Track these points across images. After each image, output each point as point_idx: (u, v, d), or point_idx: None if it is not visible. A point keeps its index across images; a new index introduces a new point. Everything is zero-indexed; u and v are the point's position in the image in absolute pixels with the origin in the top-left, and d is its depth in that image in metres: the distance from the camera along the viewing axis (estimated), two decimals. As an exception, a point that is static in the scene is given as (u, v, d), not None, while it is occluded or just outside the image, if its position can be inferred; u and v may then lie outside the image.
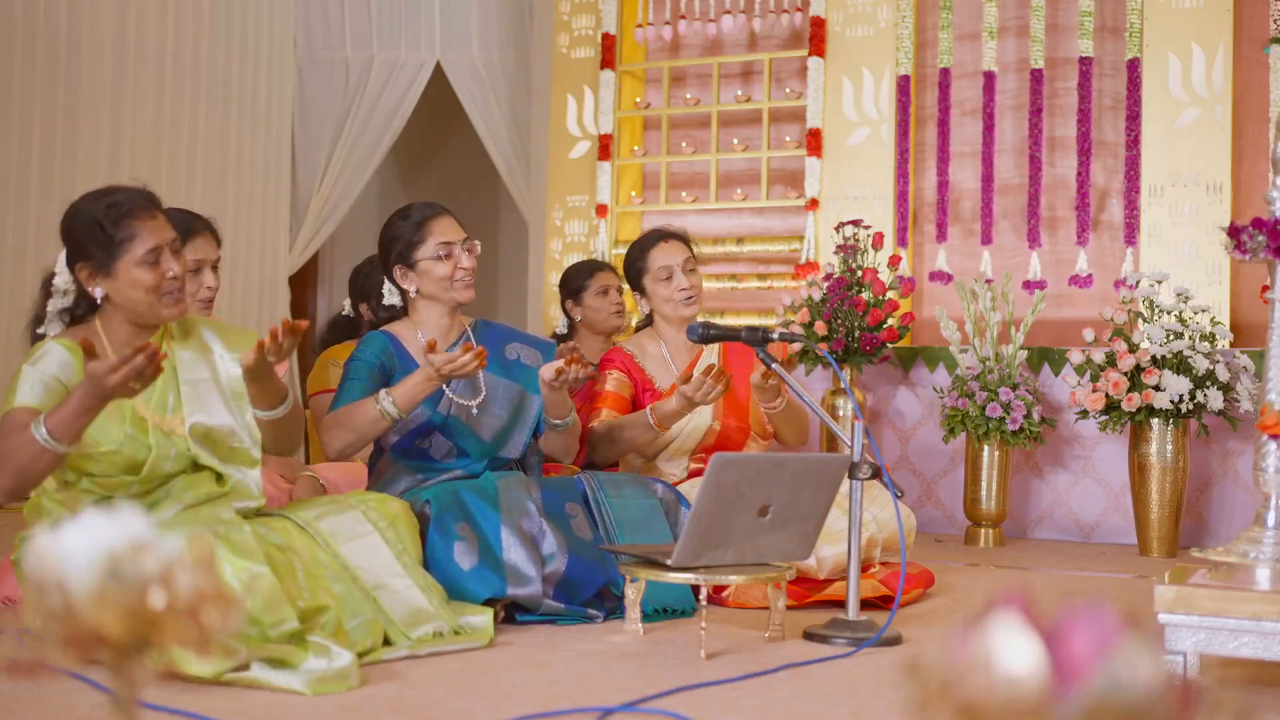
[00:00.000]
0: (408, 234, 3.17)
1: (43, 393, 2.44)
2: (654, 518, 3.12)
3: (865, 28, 5.73)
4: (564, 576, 2.89)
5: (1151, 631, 0.84)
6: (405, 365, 3.14)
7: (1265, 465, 2.52)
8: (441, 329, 3.21)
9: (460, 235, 3.19)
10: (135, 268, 2.50)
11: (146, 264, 2.50)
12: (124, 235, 2.49)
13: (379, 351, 3.13)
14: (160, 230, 2.54)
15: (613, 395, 3.58)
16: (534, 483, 3.04)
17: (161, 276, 2.51)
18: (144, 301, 2.52)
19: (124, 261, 2.50)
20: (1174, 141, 5.21)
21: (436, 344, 2.89)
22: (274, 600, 2.26)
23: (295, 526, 2.59)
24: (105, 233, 2.49)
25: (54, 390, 2.44)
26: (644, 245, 3.68)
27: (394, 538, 2.68)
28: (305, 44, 7.23)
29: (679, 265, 3.62)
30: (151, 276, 2.50)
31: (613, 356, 3.67)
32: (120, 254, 2.49)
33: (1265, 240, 2.48)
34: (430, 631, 2.59)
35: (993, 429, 4.72)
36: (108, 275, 2.51)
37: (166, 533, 1.00)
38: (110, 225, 2.49)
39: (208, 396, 2.62)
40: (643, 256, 3.66)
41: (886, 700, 2.27)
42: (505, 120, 7.00)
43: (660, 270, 3.62)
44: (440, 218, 3.19)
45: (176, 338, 2.67)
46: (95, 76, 5.94)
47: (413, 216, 3.19)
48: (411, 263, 3.17)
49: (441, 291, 3.17)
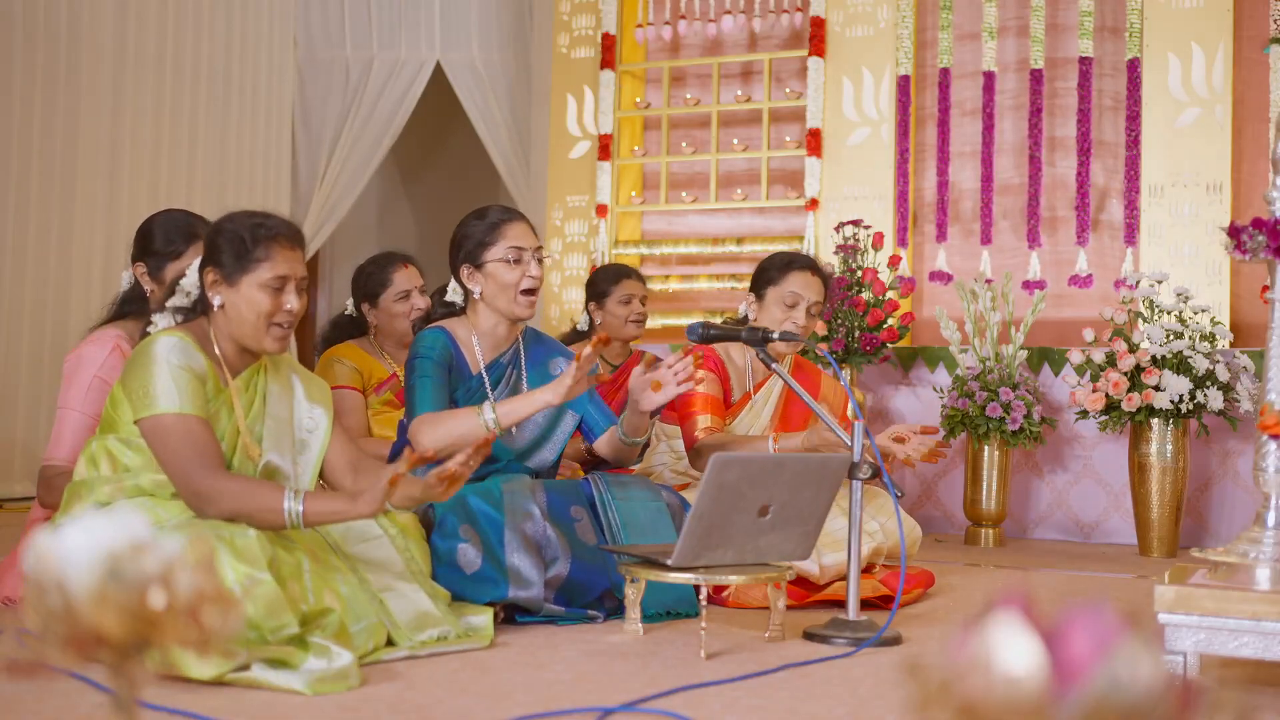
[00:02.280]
0: (480, 234, 3.13)
1: (197, 399, 2.48)
2: (660, 521, 3.11)
3: (865, 28, 5.73)
4: (566, 581, 2.88)
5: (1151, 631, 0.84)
6: (459, 364, 3.13)
7: (1265, 465, 2.52)
8: (496, 336, 3.18)
9: (533, 243, 3.14)
10: (258, 289, 2.54)
11: (270, 289, 2.54)
12: (260, 254, 2.54)
13: (442, 348, 3.10)
14: (294, 264, 2.58)
15: (711, 400, 3.46)
16: (539, 485, 3.03)
17: (279, 307, 2.55)
18: (253, 325, 2.55)
19: (250, 278, 2.54)
20: (1174, 141, 5.21)
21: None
22: (274, 606, 2.26)
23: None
24: (244, 245, 2.54)
25: (197, 393, 2.49)
26: (790, 262, 3.54)
27: (403, 545, 2.69)
28: (305, 44, 7.23)
29: (808, 303, 3.49)
30: (270, 303, 2.54)
31: (707, 356, 3.53)
32: (249, 269, 2.54)
33: (1265, 240, 2.48)
34: (435, 635, 2.59)
35: (993, 429, 4.72)
36: (231, 287, 2.55)
37: (167, 534, 1.00)
38: (251, 241, 2.54)
39: (283, 437, 2.67)
40: (784, 272, 3.51)
41: (886, 700, 2.27)
42: (505, 120, 7.00)
43: (789, 295, 3.48)
44: (515, 222, 3.14)
45: (269, 370, 2.70)
46: (95, 76, 5.94)
47: (489, 217, 3.15)
48: (480, 263, 3.12)
49: (505, 301, 3.11)
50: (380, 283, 4.18)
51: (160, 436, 2.45)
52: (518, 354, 3.23)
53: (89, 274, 5.92)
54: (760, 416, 3.56)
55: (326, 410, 2.74)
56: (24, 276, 5.65)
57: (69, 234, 5.84)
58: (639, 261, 6.11)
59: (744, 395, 3.55)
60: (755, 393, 3.58)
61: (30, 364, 5.64)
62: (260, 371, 2.67)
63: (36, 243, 5.70)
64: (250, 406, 2.62)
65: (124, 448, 2.54)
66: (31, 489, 5.33)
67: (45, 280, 5.72)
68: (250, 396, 2.63)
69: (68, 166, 5.83)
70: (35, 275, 5.70)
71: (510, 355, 3.21)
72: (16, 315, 5.64)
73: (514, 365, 3.21)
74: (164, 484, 2.52)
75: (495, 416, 2.92)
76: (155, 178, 6.24)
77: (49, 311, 5.70)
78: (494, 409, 2.93)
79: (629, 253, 6.14)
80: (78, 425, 3.07)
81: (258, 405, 2.63)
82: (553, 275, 6.30)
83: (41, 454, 3.30)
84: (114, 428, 2.55)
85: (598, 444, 3.26)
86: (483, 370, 3.15)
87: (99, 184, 5.97)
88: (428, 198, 8.60)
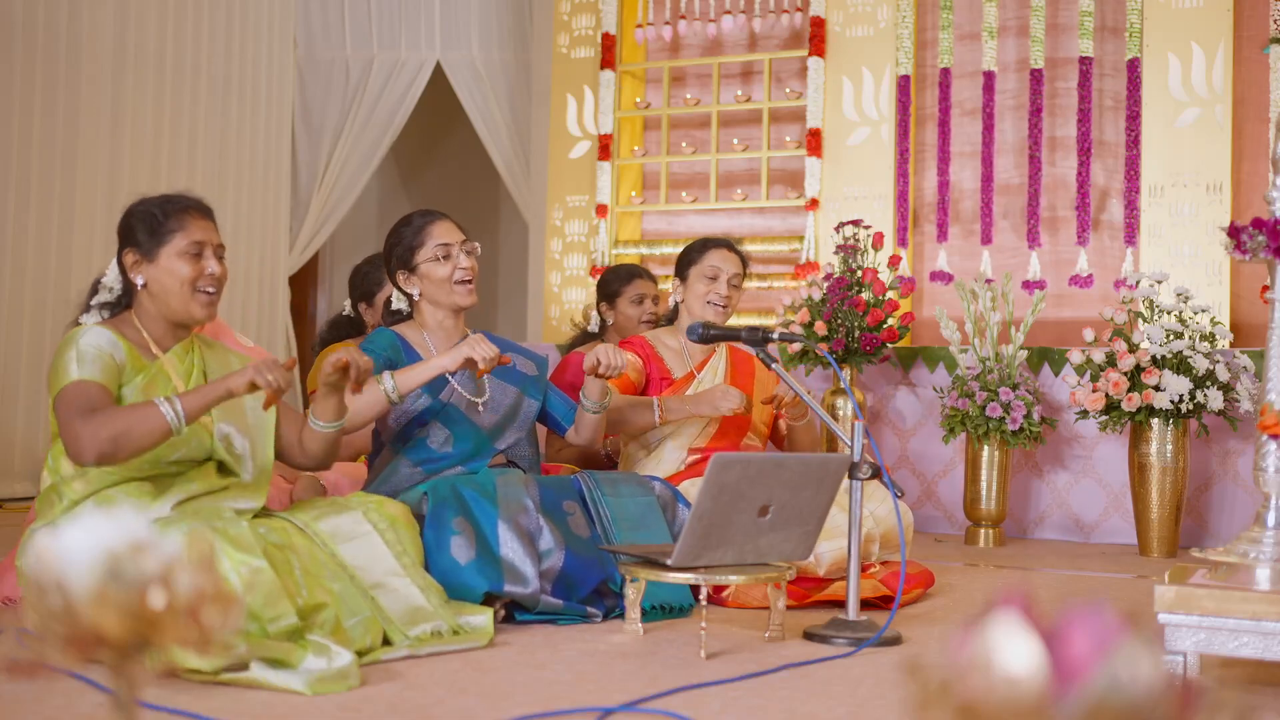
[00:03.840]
0: (408, 238, 3.25)
1: (100, 367, 2.51)
2: (651, 515, 3.15)
3: (865, 28, 5.73)
4: (561, 572, 2.90)
5: (1151, 631, 0.84)
6: (411, 360, 3.19)
7: (1265, 465, 2.52)
8: (445, 332, 3.28)
9: (458, 237, 3.26)
10: (177, 257, 2.60)
11: (188, 255, 2.60)
12: (173, 225, 2.61)
13: (387, 345, 3.20)
14: (208, 231, 2.65)
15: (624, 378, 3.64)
16: (531, 479, 3.08)
17: (200, 272, 2.61)
18: (178, 294, 2.60)
19: (167, 249, 2.60)
20: (1174, 141, 5.21)
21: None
22: (273, 595, 2.27)
23: (293, 527, 2.60)
24: (156, 220, 2.61)
25: (108, 365, 2.52)
26: (706, 243, 3.81)
27: (394, 539, 2.69)
28: (305, 44, 7.23)
29: (727, 275, 3.74)
30: (191, 269, 2.60)
31: (631, 341, 3.78)
32: (165, 241, 2.60)
33: (1265, 240, 2.48)
34: (429, 630, 2.59)
35: (993, 429, 4.72)
36: (150, 261, 2.61)
37: (166, 532, 1.00)
38: (162, 215, 2.61)
39: (235, 416, 2.69)
40: (702, 251, 3.78)
41: (886, 700, 2.27)
42: (505, 120, 7.00)
43: (709, 269, 3.73)
44: (438, 221, 3.27)
45: (203, 347, 2.75)
46: (95, 76, 5.94)
47: (413, 222, 3.28)
48: (412, 266, 3.24)
49: (444, 295, 3.24)
50: (376, 283, 4.19)
51: (60, 408, 2.48)
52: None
53: (89, 273, 5.91)
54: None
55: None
56: (24, 276, 5.65)
57: (69, 233, 5.84)
58: (639, 262, 6.11)
59: (687, 374, 3.73)
60: (699, 371, 3.74)
61: (30, 364, 5.64)
62: (194, 348, 2.71)
63: (36, 242, 5.70)
64: (189, 377, 2.66)
65: None
66: (31, 489, 5.34)
67: (45, 280, 5.73)
68: (188, 368, 2.67)
69: (68, 166, 5.83)
70: (35, 275, 5.70)
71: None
72: (16, 315, 5.64)
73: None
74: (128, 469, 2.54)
75: (394, 384, 2.99)
76: (155, 177, 6.24)
77: (49, 311, 5.70)
78: (392, 377, 3.00)
79: (629, 253, 6.14)
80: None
81: (197, 377, 2.67)
82: (553, 275, 6.30)
83: (41, 454, 3.30)
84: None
85: (569, 434, 3.41)
86: None
87: (99, 183, 5.97)
88: (428, 198, 8.60)
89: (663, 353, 3.75)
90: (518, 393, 3.32)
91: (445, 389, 3.21)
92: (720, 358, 3.78)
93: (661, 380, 3.71)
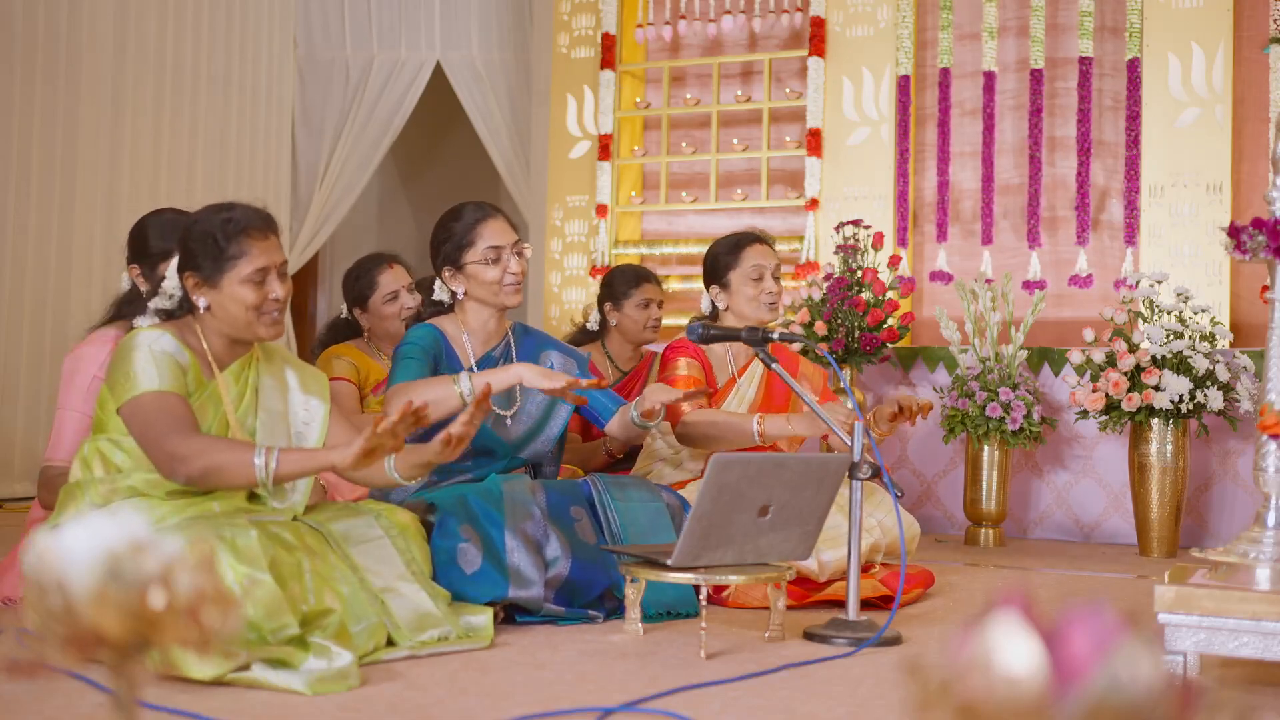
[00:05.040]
0: (458, 236, 3.16)
1: (173, 377, 2.50)
2: (659, 522, 3.12)
3: (865, 28, 5.73)
4: (566, 580, 2.89)
5: (1151, 631, 0.84)
6: (450, 359, 3.15)
7: (1265, 465, 2.52)
8: (487, 331, 3.22)
9: (511, 239, 3.17)
10: (240, 285, 2.56)
11: (252, 283, 2.56)
12: (235, 252, 2.56)
13: (431, 341, 3.14)
14: (271, 252, 2.60)
15: (694, 382, 3.53)
16: (539, 486, 3.04)
17: (264, 297, 2.58)
18: (243, 319, 2.58)
19: (230, 277, 2.56)
20: (1174, 141, 5.21)
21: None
22: (274, 607, 2.26)
23: (307, 528, 2.59)
24: (218, 246, 2.56)
25: (179, 375, 2.51)
26: (739, 242, 3.66)
27: (403, 546, 2.69)
28: (305, 44, 7.23)
29: (770, 269, 3.62)
30: (255, 296, 2.57)
31: (684, 345, 3.60)
32: (228, 269, 2.56)
33: (1265, 240, 2.48)
34: (436, 636, 2.59)
35: (993, 429, 4.72)
36: (213, 288, 2.57)
37: (167, 534, 1.00)
38: (224, 240, 2.56)
39: (276, 430, 2.67)
40: (736, 253, 3.63)
41: (886, 700, 2.27)
42: (505, 120, 7.00)
43: (753, 269, 3.59)
44: (491, 220, 3.16)
45: (261, 361, 2.72)
46: (95, 76, 5.94)
47: (464, 218, 3.17)
48: (460, 265, 3.16)
49: (490, 295, 3.16)
50: (368, 286, 4.19)
51: (139, 416, 2.46)
52: (509, 347, 3.27)
53: (89, 274, 5.92)
54: (745, 397, 3.64)
55: (323, 400, 2.75)
56: (24, 276, 5.65)
57: (69, 234, 5.84)
58: (639, 261, 6.10)
59: (728, 380, 3.64)
60: (739, 377, 3.66)
61: (30, 364, 5.64)
62: (251, 364, 2.68)
63: (36, 243, 5.70)
64: (240, 399, 2.63)
65: (114, 448, 2.54)
66: (31, 489, 5.33)
67: (45, 280, 5.72)
68: (240, 390, 2.64)
69: (68, 166, 5.83)
70: (35, 275, 5.69)
71: (501, 349, 3.25)
72: (16, 315, 5.64)
73: (505, 359, 3.25)
74: (157, 483, 2.52)
75: (472, 386, 2.92)
76: (155, 178, 6.24)
77: (49, 311, 5.70)
78: (470, 378, 2.93)
79: (629, 253, 6.14)
80: (77, 425, 3.07)
81: (248, 398, 2.65)
82: (553, 275, 6.30)
83: (41, 454, 3.30)
84: (104, 428, 2.56)
85: (609, 425, 3.28)
86: (474, 365, 3.18)
87: (99, 184, 5.97)
88: (428, 198, 8.60)
89: (710, 359, 3.64)
90: (549, 400, 3.25)
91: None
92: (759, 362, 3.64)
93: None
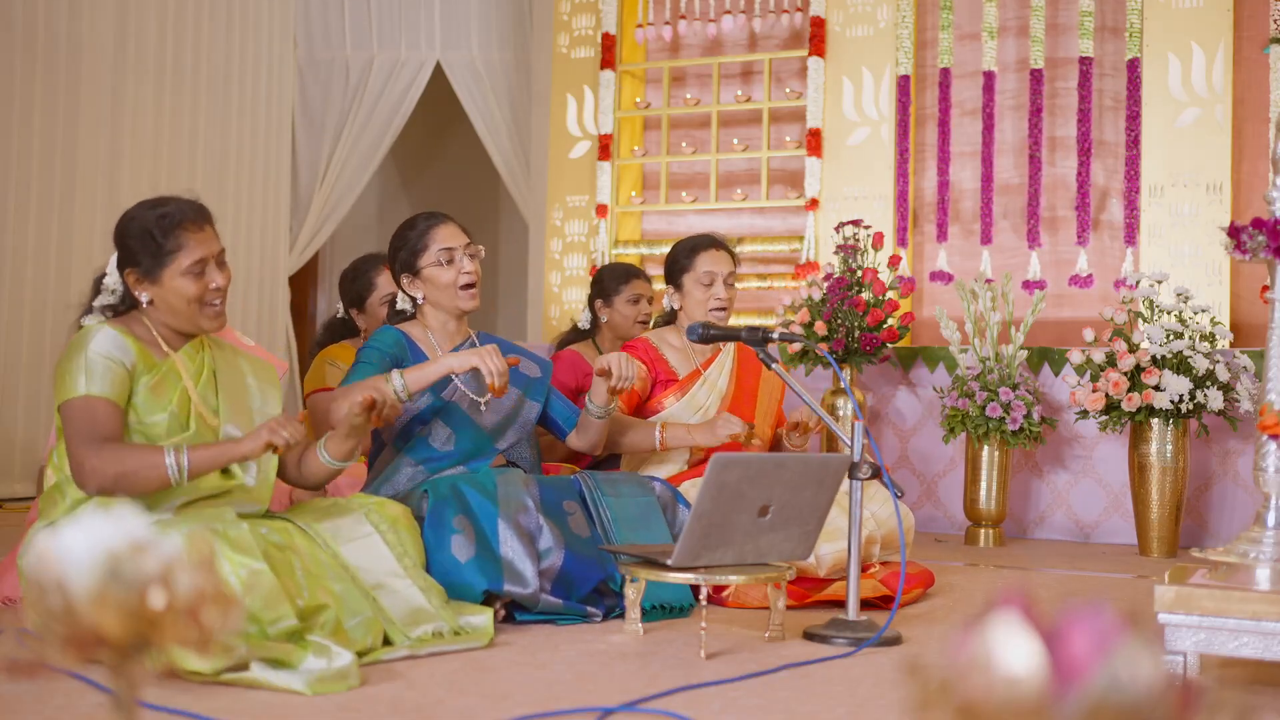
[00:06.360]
0: (412, 242, 3.26)
1: (109, 381, 2.51)
2: (651, 516, 3.16)
3: (865, 28, 5.73)
4: (561, 572, 2.91)
5: (1151, 631, 0.84)
6: (417, 358, 3.21)
7: (1265, 465, 2.52)
8: (448, 334, 3.30)
9: (462, 241, 3.27)
10: (180, 278, 2.59)
11: (191, 275, 2.59)
12: (172, 246, 2.58)
13: (392, 343, 3.21)
14: (207, 243, 2.63)
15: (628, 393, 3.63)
16: (532, 479, 3.09)
17: (205, 288, 2.61)
18: (185, 311, 2.61)
19: (170, 270, 2.59)
20: (1174, 141, 5.21)
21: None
22: (273, 597, 2.27)
23: (295, 528, 2.60)
24: (155, 242, 2.58)
25: (117, 377, 2.52)
26: (695, 246, 3.76)
27: (395, 540, 2.69)
28: (305, 44, 7.23)
29: (722, 276, 3.72)
30: (195, 287, 2.60)
31: (635, 345, 3.73)
32: (167, 263, 2.59)
33: (1265, 240, 2.48)
34: (430, 631, 2.59)
35: (993, 429, 4.72)
36: (154, 282, 2.60)
37: (166, 532, 1.00)
38: (160, 235, 2.58)
39: (239, 410, 2.70)
40: (691, 257, 3.74)
41: (886, 700, 2.27)
42: (505, 120, 7.00)
43: (705, 275, 3.71)
44: (442, 225, 3.27)
45: (213, 347, 2.75)
46: (95, 76, 5.94)
47: (417, 226, 3.28)
48: (416, 270, 3.25)
49: (447, 299, 3.25)
50: (364, 286, 4.20)
51: (66, 420, 2.50)
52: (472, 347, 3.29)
53: (89, 273, 5.90)
54: (716, 387, 3.72)
55: (276, 392, 2.80)
56: (24, 276, 5.65)
57: (69, 234, 5.84)
58: (639, 261, 6.10)
59: (692, 371, 3.71)
60: (705, 368, 3.73)
61: (30, 364, 5.64)
62: (204, 347, 2.72)
63: (36, 243, 5.70)
64: (199, 376, 2.66)
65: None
66: (31, 489, 5.33)
67: (45, 280, 5.72)
68: (198, 367, 2.68)
69: (68, 166, 5.83)
70: (35, 275, 5.69)
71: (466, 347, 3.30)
72: (16, 315, 5.64)
73: None
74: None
75: (404, 382, 2.99)
76: (155, 177, 6.23)
77: (49, 311, 5.70)
78: (401, 375, 3.00)
79: (629, 253, 6.14)
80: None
81: (207, 377, 2.68)
82: (552, 275, 6.30)
83: (41, 454, 3.31)
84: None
85: (570, 438, 3.41)
86: None
87: (99, 184, 5.96)
88: (428, 198, 8.60)
89: (666, 353, 3.73)
90: (519, 395, 3.33)
91: (449, 387, 3.22)
92: (728, 354, 3.78)
93: (666, 381, 3.69)
